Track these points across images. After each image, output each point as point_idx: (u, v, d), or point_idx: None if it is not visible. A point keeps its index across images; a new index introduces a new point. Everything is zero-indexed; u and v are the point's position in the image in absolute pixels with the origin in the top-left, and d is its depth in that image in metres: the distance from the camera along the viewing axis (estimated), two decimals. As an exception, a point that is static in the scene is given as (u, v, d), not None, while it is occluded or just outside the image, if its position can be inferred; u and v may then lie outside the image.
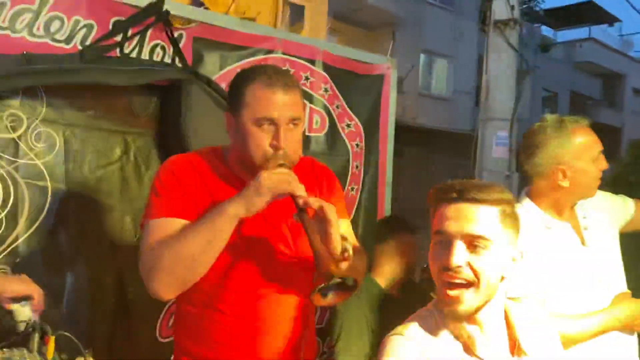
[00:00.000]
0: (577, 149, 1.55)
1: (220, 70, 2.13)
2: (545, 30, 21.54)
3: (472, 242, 1.06)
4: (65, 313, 1.83)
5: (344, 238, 1.27)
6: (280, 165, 1.28)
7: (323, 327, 2.29)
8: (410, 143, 13.37)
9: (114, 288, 1.95)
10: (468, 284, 1.06)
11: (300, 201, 1.23)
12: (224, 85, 2.10)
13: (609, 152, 1.80)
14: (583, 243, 1.61)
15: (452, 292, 1.06)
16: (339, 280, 1.17)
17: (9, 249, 1.74)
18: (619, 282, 1.64)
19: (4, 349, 1.29)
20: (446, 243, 1.09)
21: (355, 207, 2.59)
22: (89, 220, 1.91)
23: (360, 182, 2.61)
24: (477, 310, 1.08)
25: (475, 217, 1.07)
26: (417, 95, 15.01)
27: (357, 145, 2.59)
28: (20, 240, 1.76)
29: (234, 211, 1.22)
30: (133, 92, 1.95)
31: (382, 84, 2.66)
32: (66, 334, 1.38)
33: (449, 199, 1.10)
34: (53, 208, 1.83)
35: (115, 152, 1.96)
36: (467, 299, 1.06)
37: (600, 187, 1.65)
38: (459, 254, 1.06)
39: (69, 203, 1.86)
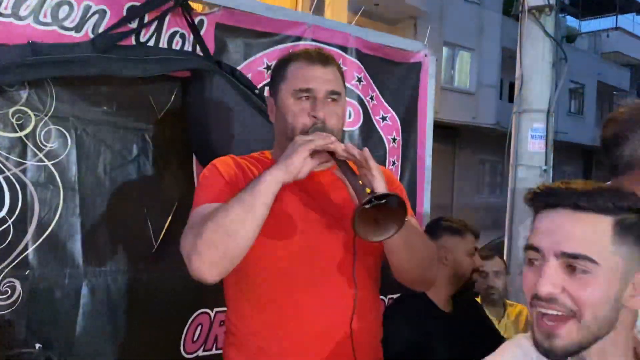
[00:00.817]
0: None
1: (245, 60, 1.94)
2: (570, 21, 21.06)
3: (570, 264, 0.83)
4: (79, 332, 1.66)
5: None
6: None
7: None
8: (433, 139, 13.12)
9: (134, 299, 1.77)
10: (567, 316, 0.83)
11: (340, 151, 1.17)
12: (249, 76, 1.92)
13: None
14: None
15: (547, 322, 0.83)
16: (381, 192, 1.06)
17: (18, 260, 1.58)
18: None
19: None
20: (538, 263, 0.86)
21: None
22: (105, 227, 1.74)
23: (398, 180, 2.40)
24: (582, 348, 0.84)
25: (577, 230, 0.83)
26: (440, 90, 14.69)
27: (393, 139, 2.37)
28: (30, 250, 1.60)
29: (273, 175, 1.15)
30: (151, 85, 1.77)
31: (420, 73, 2.44)
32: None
33: (545, 205, 0.87)
34: (65, 214, 1.66)
35: (132, 151, 1.79)
36: (567, 333, 0.83)
37: None
38: (552, 278, 0.82)
39: (83, 208, 1.70)
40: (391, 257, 1.28)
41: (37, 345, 1.19)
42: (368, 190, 1.09)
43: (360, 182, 1.13)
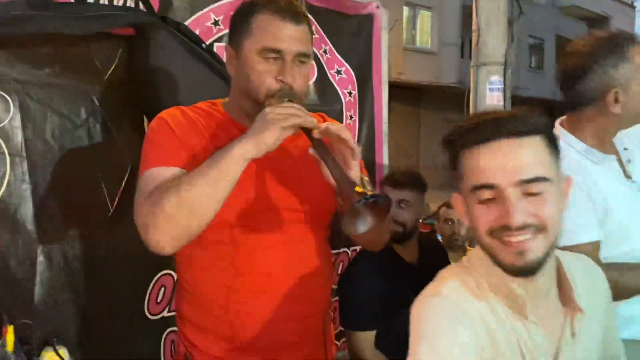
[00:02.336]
0: (632, 69, 1.33)
1: (191, 16, 1.89)
2: (528, -24, 21.13)
3: (529, 190, 0.85)
4: (37, 300, 1.64)
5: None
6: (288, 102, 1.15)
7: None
8: (397, 99, 13.16)
9: (91, 266, 1.75)
10: (535, 234, 0.86)
11: (316, 131, 1.10)
12: (197, 32, 1.87)
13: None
14: (628, 177, 1.43)
15: (518, 238, 0.85)
16: (371, 194, 1.03)
17: (-36, 230, 1.53)
18: None
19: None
20: (496, 199, 0.86)
21: (352, 161, 2.39)
22: (58, 193, 1.71)
23: (356, 134, 2.41)
24: (547, 257, 0.88)
25: (525, 155, 0.85)
26: (402, 50, 14.68)
27: (349, 93, 2.37)
28: (-24, 221, 1.55)
29: (242, 151, 1.07)
30: (94, 45, 1.71)
31: (372, 25, 2.43)
32: (27, 322, 1.19)
33: (481, 140, 0.87)
34: (14, 181, 1.62)
35: (80, 115, 1.74)
36: (537, 246, 0.86)
37: None
38: (521, 208, 0.84)
39: (32, 175, 1.65)
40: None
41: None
42: (357, 188, 1.05)
43: (342, 171, 1.09)
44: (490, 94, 4.84)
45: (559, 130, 1.47)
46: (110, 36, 1.73)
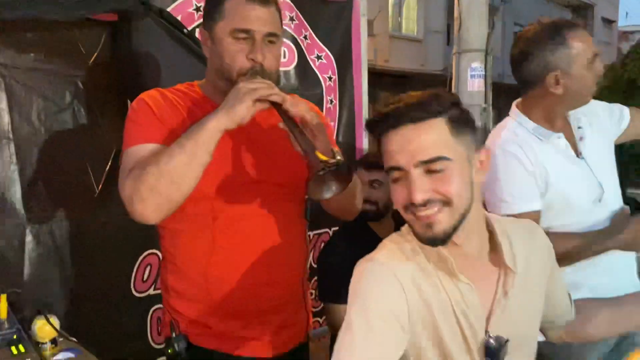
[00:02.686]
0: (571, 53, 1.44)
1: (173, 2, 1.93)
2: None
3: (430, 168, 0.93)
4: (27, 279, 1.70)
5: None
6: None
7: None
8: (383, 87, 13.20)
9: (78, 246, 1.82)
10: (440, 207, 0.94)
11: (286, 104, 1.17)
12: (179, 18, 1.92)
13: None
14: (578, 154, 1.52)
15: (425, 212, 0.94)
16: (333, 162, 1.12)
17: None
18: (616, 196, 1.55)
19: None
20: (403, 178, 0.96)
21: (332, 144, 2.46)
22: (45, 175, 1.76)
23: (337, 118, 2.48)
24: (455, 228, 0.96)
25: (423, 138, 0.93)
26: (388, 38, 14.70)
27: (329, 78, 2.43)
28: (-34, 201, 1.61)
29: (216, 123, 1.14)
30: (78, 30, 1.77)
31: (352, 11, 2.49)
32: (17, 290, 1.25)
33: (387, 127, 0.96)
34: (1, 163, 1.67)
35: (65, 98, 1.79)
36: (444, 219, 0.94)
37: None
38: (421, 187, 0.93)
39: (19, 157, 1.71)
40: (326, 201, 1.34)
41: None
42: (320, 156, 1.13)
43: (309, 143, 1.16)
44: (472, 81, 4.93)
45: (514, 110, 1.56)
46: (94, 22, 1.78)
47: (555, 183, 1.45)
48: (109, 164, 1.86)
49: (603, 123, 1.60)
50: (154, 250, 1.99)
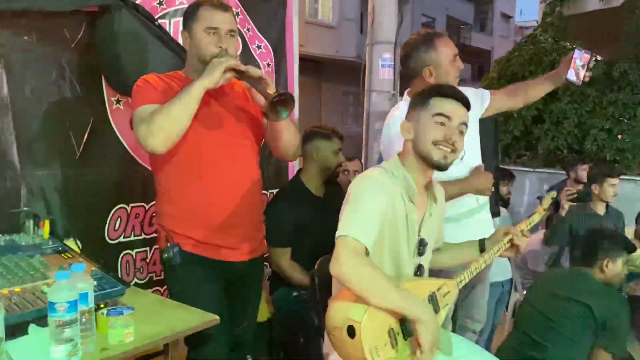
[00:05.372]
0: (439, 53, 2.05)
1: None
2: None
3: (460, 128, 1.59)
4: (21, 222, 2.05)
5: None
6: None
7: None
8: (300, 71, 13.65)
9: (62, 197, 2.18)
10: (455, 150, 1.57)
11: (248, 71, 1.71)
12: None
13: (481, 71, 2.29)
14: None
15: (447, 148, 1.56)
16: (282, 91, 1.67)
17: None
18: (476, 157, 2.17)
19: (5, 234, 1.51)
20: (447, 124, 1.56)
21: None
22: (36, 139, 2.10)
23: (272, 98, 2.96)
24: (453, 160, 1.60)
25: (465, 112, 1.61)
26: (305, 24, 15.16)
27: (267, 64, 2.91)
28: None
29: (200, 83, 1.68)
30: (64, 19, 2.11)
31: (286, 9, 2.97)
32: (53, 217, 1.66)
33: (445, 95, 1.59)
34: (1, 128, 2.00)
35: (52, 75, 2.14)
36: (453, 157, 1.58)
37: None
38: (457, 132, 1.58)
39: (16, 123, 2.04)
40: (276, 137, 1.87)
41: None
42: (271, 91, 1.66)
43: (264, 88, 1.70)
44: (382, 70, 5.53)
45: (405, 95, 2.15)
46: (78, 12, 2.13)
47: None
48: (87, 131, 2.23)
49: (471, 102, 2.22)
50: (123, 205, 2.39)
